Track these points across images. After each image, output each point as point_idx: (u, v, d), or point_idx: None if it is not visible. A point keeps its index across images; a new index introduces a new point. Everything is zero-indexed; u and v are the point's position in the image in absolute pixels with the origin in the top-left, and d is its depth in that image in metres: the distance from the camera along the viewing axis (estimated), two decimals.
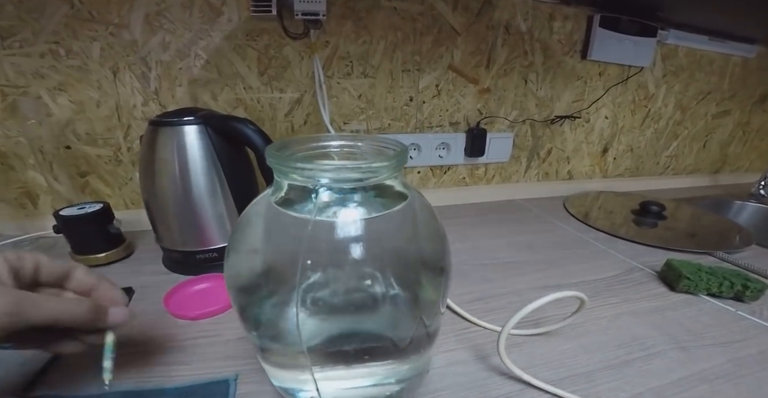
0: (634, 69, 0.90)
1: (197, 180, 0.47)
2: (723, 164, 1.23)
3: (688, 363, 0.39)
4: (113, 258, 0.54)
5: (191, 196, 0.48)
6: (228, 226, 0.51)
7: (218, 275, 0.50)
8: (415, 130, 0.79)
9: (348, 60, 0.68)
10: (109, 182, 0.65)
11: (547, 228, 0.74)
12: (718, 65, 1.00)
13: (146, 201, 0.50)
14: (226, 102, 0.65)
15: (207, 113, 0.49)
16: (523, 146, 0.89)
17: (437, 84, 0.76)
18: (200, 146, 0.47)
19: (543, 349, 0.41)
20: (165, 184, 0.47)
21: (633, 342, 0.42)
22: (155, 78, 0.60)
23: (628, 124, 0.98)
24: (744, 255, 0.65)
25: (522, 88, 0.82)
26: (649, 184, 1.09)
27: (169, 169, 0.47)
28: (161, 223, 0.51)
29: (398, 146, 0.26)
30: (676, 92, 0.99)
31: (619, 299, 0.50)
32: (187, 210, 0.49)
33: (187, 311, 0.43)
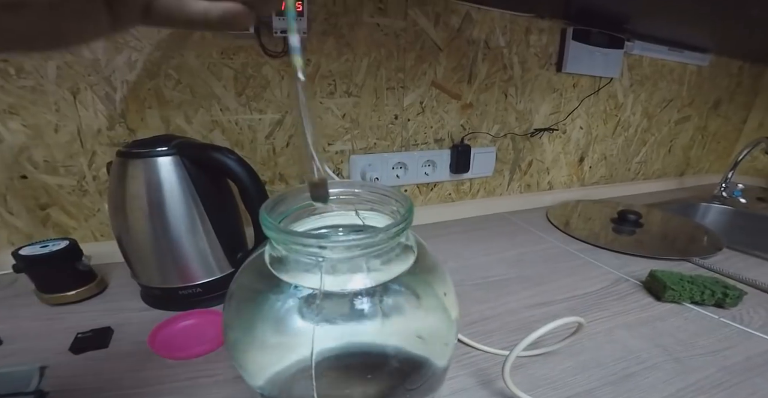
0: (604, 80, 0.94)
1: (174, 215, 0.44)
2: (687, 167, 1.31)
3: (683, 374, 0.41)
4: (85, 296, 0.51)
5: (169, 233, 0.45)
6: (211, 260, 0.49)
7: (204, 311, 0.48)
8: (401, 149, 0.79)
9: (331, 78, 0.67)
10: (74, 214, 0.61)
11: (533, 241, 0.76)
12: (677, 74, 1.06)
13: (118, 237, 0.47)
14: (201, 124, 0.62)
15: (182, 142, 0.46)
16: (505, 160, 0.91)
17: (421, 101, 0.76)
18: (176, 179, 0.44)
19: (544, 370, 0.41)
20: (138, 221, 0.44)
21: (629, 355, 0.44)
22: (121, 99, 0.57)
23: (601, 133, 1.02)
24: (717, 259, 0.69)
25: (503, 102, 0.84)
26: (623, 190, 1.13)
27: (142, 204, 0.43)
28: (136, 260, 0.48)
29: (400, 198, 0.25)
30: (642, 100, 1.05)
31: (610, 312, 0.52)
32: (165, 248, 0.46)
33: (176, 351, 0.41)
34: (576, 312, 0.51)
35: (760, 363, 0.43)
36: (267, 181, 0.70)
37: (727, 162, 1.39)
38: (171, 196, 0.44)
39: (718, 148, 1.34)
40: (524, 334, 0.46)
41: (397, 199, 0.25)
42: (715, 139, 1.31)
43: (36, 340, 0.43)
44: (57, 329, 0.45)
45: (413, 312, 0.23)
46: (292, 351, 0.22)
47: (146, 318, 0.47)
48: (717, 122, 1.26)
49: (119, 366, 0.39)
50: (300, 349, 0.21)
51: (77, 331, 0.44)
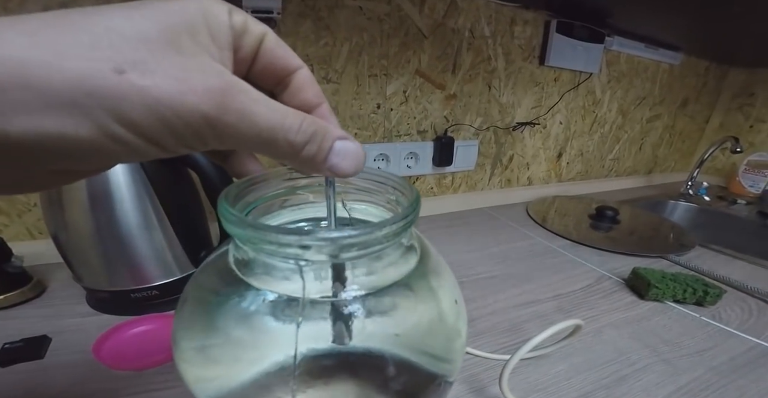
0: (584, 75, 0.94)
1: (122, 210, 0.38)
2: (654, 165, 1.34)
3: (674, 376, 0.41)
4: (16, 300, 0.44)
5: (116, 229, 0.38)
6: (170, 259, 0.43)
7: (160, 315, 0.42)
8: (383, 140, 0.75)
9: (308, 63, 0.62)
10: (4, 209, 0.53)
11: (516, 237, 0.74)
12: (651, 72, 1.08)
13: (54, 235, 0.40)
14: None
15: None
16: (487, 154, 0.89)
17: (405, 90, 0.73)
18: (123, 167, 0.37)
19: (537, 373, 0.40)
20: (78, 217, 0.37)
21: (619, 357, 0.43)
22: None
23: (579, 129, 1.02)
24: (691, 256, 0.70)
25: (486, 94, 0.82)
26: (597, 186, 1.15)
27: (81, 197, 0.37)
28: (77, 261, 0.41)
29: (401, 186, 0.20)
30: (618, 97, 1.06)
31: (597, 311, 0.51)
32: (113, 247, 0.39)
33: (126, 361, 0.36)
34: (564, 312, 0.50)
35: (742, 363, 0.43)
36: None
37: (689, 161, 1.45)
38: (117, 186, 0.37)
39: (683, 147, 1.39)
40: (515, 336, 0.45)
41: (396, 186, 0.21)
42: (681, 138, 1.35)
43: None
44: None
45: (417, 324, 0.19)
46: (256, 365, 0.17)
47: (92, 325, 0.41)
48: (683, 121, 1.30)
49: (57, 379, 0.34)
50: (266, 361, 0.17)
51: (5, 341, 0.37)
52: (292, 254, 0.15)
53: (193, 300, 0.19)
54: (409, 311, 0.19)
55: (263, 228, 0.15)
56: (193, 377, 0.18)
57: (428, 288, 0.20)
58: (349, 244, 0.15)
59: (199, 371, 0.18)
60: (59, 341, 0.39)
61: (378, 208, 0.23)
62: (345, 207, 0.23)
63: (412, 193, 0.19)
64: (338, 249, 0.15)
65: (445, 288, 0.21)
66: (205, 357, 0.17)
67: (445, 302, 0.21)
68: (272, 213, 0.22)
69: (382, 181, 0.21)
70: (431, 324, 0.20)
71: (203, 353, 0.17)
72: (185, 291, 0.20)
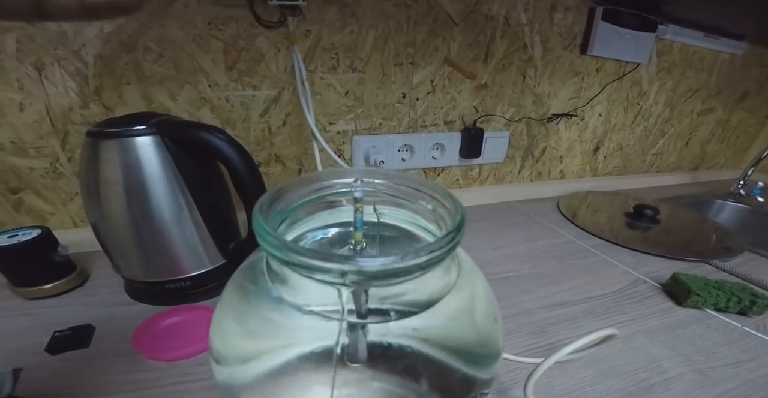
0: (630, 65, 0.88)
1: (156, 203, 0.39)
2: (701, 161, 1.26)
3: (706, 386, 0.39)
4: (63, 289, 0.46)
5: (151, 222, 0.39)
6: (201, 250, 0.44)
7: (193, 306, 0.44)
8: (408, 130, 0.74)
9: (333, 52, 0.61)
10: (49, 198, 0.56)
11: (545, 234, 0.72)
12: (708, 62, 1.00)
13: (94, 226, 0.42)
14: (187, 102, 0.56)
15: (163, 120, 0.40)
16: (518, 145, 0.86)
17: (432, 79, 0.71)
18: (156, 162, 0.38)
19: (561, 378, 0.38)
20: (115, 209, 0.39)
21: (650, 365, 0.41)
22: (94, 75, 0.51)
23: (620, 122, 0.97)
24: (737, 262, 0.65)
25: (520, 84, 0.79)
26: (634, 182, 1.09)
27: (118, 191, 0.38)
28: (116, 252, 0.43)
29: (439, 194, 0.19)
30: (668, 89, 0.99)
31: (630, 317, 0.49)
32: (148, 239, 0.41)
33: (162, 352, 0.37)
34: (595, 315, 0.48)
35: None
36: (262, 163, 0.65)
37: (743, 157, 1.35)
38: (152, 180, 0.38)
39: (736, 142, 1.29)
40: (541, 338, 0.44)
41: (435, 195, 0.20)
42: (735, 134, 1.25)
43: (9, 339, 0.39)
44: (33, 326, 0.41)
45: (454, 345, 0.18)
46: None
47: (130, 314, 0.43)
48: (740, 115, 1.20)
49: (100, 368, 0.36)
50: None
51: (54, 329, 0.40)
52: (329, 279, 0.15)
53: (228, 310, 0.19)
54: (446, 330, 0.18)
55: (302, 253, 0.14)
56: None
57: (467, 310, 0.19)
58: (390, 273, 0.14)
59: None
60: (102, 330, 0.41)
61: (409, 213, 0.22)
62: (375, 212, 0.22)
63: (455, 208, 0.18)
64: (377, 276, 0.15)
65: (483, 306, 0.20)
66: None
67: (484, 322, 0.20)
68: (304, 219, 0.22)
69: (417, 188, 0.20)
70: (468, 345, 0.19)
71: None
72: (221, 296, 0.20)
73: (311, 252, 0.14)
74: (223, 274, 0.47)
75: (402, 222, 0.22)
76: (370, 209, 0.22)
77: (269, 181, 0.67)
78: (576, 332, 0.45)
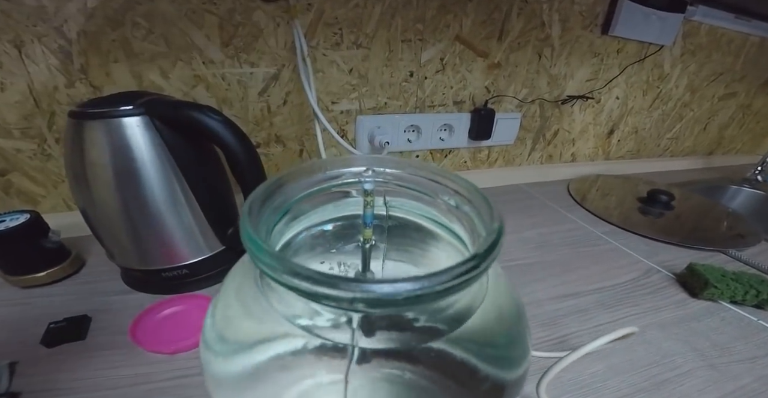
0: (653, 47, 0.83)
1: (149, 187, 0.37)
2: (717, 146, 1.22)
3: (719, 382, 0.38)
4: (58, 276, 0.44)
5: (144, 207, 0.37)
6: (198, 237, 0.42)
7: (191, 295, 0.42)
8: (415, 110, 0.70)
9: (336, 27, 0.58)
10: (40, 180, 0.53)
11: (555, 220, 0.70)
12: (735, 45, 0.95)
13: (83, 211, 0.39)
14: (181, 80, 0.53)
15: (152, 99, 0.37)
16: (530, 127, 0.83)
17: (442, 57, 0.67)
18: (146, 144, 0.35)
19: (572, 373, 0.37)
20: (104, 194, 0.36)
21: (662, 360, 0.40)
22: (79, 53, 0.48)
23: (637, 105, 0.93)
24: (754, 251, 0.63)
25: (535, 64, 0.75)
26: (646, 166, 1.06)
27: (106, 174, 0.35)
28: (108, 239, 0.41)
29: (464, 188, 0.16)
30: (690, 73, 0.94)
31: (642, 309, 0.47)
32: (141, 225, 0.39)
33: (160, 345, 0.36)
34: (606, 307, 0.47)
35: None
36: (261, 143, 0.63)
37: (761, 143, 1.31)
38: (142, 163, 0.36)
39: (756, 127, 1.24)
40: (552, 331, 0.42)
41: (458, 189, 0.17)
42: (756, 119, 1.21)
43: (3, 331, 0.38)
44: (27, 317, 0.40)
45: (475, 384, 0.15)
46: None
47: (128, 303, 0.42)
48: (763, 100, 1.15)
49: (98, 362, 0.35)
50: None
51: (50, 320, 0.38)
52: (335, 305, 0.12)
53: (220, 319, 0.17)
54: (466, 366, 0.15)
55: (302, 276, 0.11)
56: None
57: (497, 317, 0.17)
58: (412, 300, 0.12)
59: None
60: (99, 321, 0.40)
61: (425, 207, 0.19)
62: (385, 204, 0.20)
63: (488, 211, 0.15)
64: (396, 304, 0.12)
65: (510, 307, 0.18)
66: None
67: (513, 323, 0.17)
68: (307, 213, 0.19)
69: (437, 180, 0.18)
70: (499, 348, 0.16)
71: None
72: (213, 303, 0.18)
73: (312, 278, 0.11)
74: (222, 261, 0.45)
75: (416, 217, 0.20)
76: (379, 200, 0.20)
77: (269, 162, 0.64)
78: (587, 325, 0.43)
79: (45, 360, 0.35)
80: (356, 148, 0.68)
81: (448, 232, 0.18)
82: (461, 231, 0.17)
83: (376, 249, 0.21)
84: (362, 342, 0.13)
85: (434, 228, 0.19)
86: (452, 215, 0.18)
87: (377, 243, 0.20)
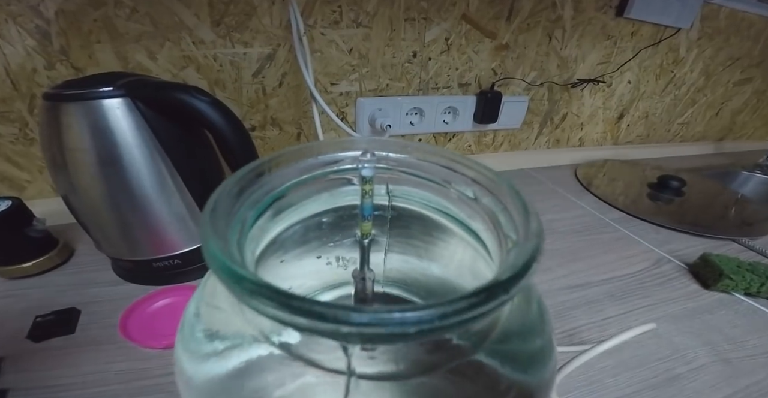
0: (669, 30, 0.79)
1: (134, 173, 0.34)
2: (729, 132, 1.19)
3: (731, 378, 0.36)
4: (45, 267, 0.42)
5: (130, 195, 0.35)
6: (189, 225, 0.40)
7: (183, 286, 0.41)
8: (418, 92, 0.67)
9: (335, 4, 0.54)
10: (24, 166, 0.51)
11: (563, 206, 0.67)
12: (756, 29, 0.91)
13: (65, 198, 0.37)
14: (169, 61, 0.50)
15: (133, 80, 0.34)
16: (537, 111, 0.80)
17: (447, 37, 0.64)
18: (129, 127, 0.33)
19: (581, 367, 0.36)
20: (85, 180, 0.34)
21: (674, 354, 0.38)
22: (59, 33, 0.45)
23: (649, 89, 0.90)
24: (767, 240, 0.61)
25: (545, 46, 0.71)
26: (654, 151, 1.03)
27: (87, 160, 0.33)
28: (94, 228, 0.39)
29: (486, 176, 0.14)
30: (706, 57, 0.90)
31: (654, 300, 0.45)
32: (127, 213, 0.36)
33: (152, 339, 0.34)
34: (615, 299, 0.45)
35: None
36: (257, 126, 0.60)
37: None
38: (125, 148, 0.33)
39: None
40: (560, 323, 0.41)
41: (478, 178, 0.14)
42: None
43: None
44: (13, 310, 0.38)
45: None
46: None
47: (118, 295, 0.40)
48: None
49: (88, 357, 0.33)
50: None
51: (37, 313, 0.36)
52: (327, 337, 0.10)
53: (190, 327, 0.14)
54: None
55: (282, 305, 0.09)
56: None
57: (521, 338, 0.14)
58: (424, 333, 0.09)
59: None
60: (88, 314, 0.38)
61: (433, 197, 0.17)
62: (387, 193, 0.18)
63: (520, 207, 0.12)
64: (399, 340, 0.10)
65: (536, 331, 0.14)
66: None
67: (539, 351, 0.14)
68: (296, 205, 0.17)
69: (450, 166, 0.15)
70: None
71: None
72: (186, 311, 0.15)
73: (292, 306, 0.09)
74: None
75: (424, 208, 0.17)
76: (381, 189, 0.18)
77: (265, 145, 0.62)
78: (596, 317, 0.42)
79: (33, 355, 0.33)
80: (356, 131, 0.66)
81: (462, 227, 0.16)
82: (479, 226, 0.15)
83: (377, 243, 0.19)
84: (362, 366, 0.11)
85: (445, 222, 0.17)
86: (468, 207, 0.15)
87: (377, 238, 0.18)
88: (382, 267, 0.21)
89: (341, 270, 0.21)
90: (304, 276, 0.21)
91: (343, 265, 0.21)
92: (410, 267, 0.21)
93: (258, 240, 0.14)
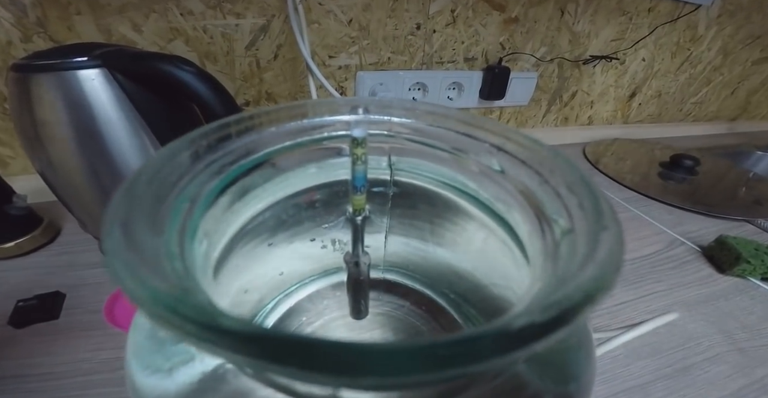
0: (689, 7, 0.75)
1: (115, 149, 0.32)
2: (743, 111, 1.15)
3: (747, 368, 0.35)
4: (28, 247, 0.40)
5: (113, 170, 0.32)
6: None
7: None
8: (422, 66, 0.64)
9: None
10: (6, 141, 0.49)
11: None
12: None
13: (42, 175, 0.35)
14: (155, 33, 0.47)
15: (111, 50, 0.31)
16: (546, 88, 0.77)
17: (453, 9, 0.60)
18: (108, 100, 0.31)
19: None
20: (62, 155, 0.32)
21: (687, 343, 0.37)
22: (34, 4, 0.42)
23: (664, 67, 0.86)
24: None
25: (556, 21, 0.67)
26: (667, 130, 1.00)
27: (62, 134, 0.31)
28: (76, 207, 0.36)
29: (531, 150, 0.11)
30: (725, 35, 0.86)
31: (667, 285, 0.43)
32: (111, 191, 0.33)
33: None
34: (628, 283, 0.43)
35: None
36: (251, 101, 0.57)
37: None
38: (104, 121, 0.31)
39: None
40: None
41: (509, 146, 0.11)
42: None
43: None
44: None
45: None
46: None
47: (105, 277, 0.38)
48: None
49: (74, 344, 0.31)
50: None
51: (19, 297, 0.34)
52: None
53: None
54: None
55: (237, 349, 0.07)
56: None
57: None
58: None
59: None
60: (74, 298, 0.36)
61: (448, 170, 0.14)
62: (390, 165, 0.15)
63: (581, 186, 0.09)
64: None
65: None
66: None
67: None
68: (272, 180, 0.14)
69: (469, 133, 0.11)
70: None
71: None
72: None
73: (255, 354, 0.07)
74: None
75: (431, 183, 0.14)
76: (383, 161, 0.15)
77: None
78: (608, 303, 0.40)
79: (14, 342, 0.31)
80: None
81: (481, 207, 0.13)
82: (504, 208, 0.12)
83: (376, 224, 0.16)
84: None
85: (460, 201, 0.14)
86: (491, 183, 0.12)
87: (377, 219, 0.16)
88: (382, 252, 0.19)
89: (338, 254, 0.19)
90: (295, 261, 0.19)
91: (340, 249, 0.19)
92: (415, 252, 0.18)
93: (230, 222, 0.12)
